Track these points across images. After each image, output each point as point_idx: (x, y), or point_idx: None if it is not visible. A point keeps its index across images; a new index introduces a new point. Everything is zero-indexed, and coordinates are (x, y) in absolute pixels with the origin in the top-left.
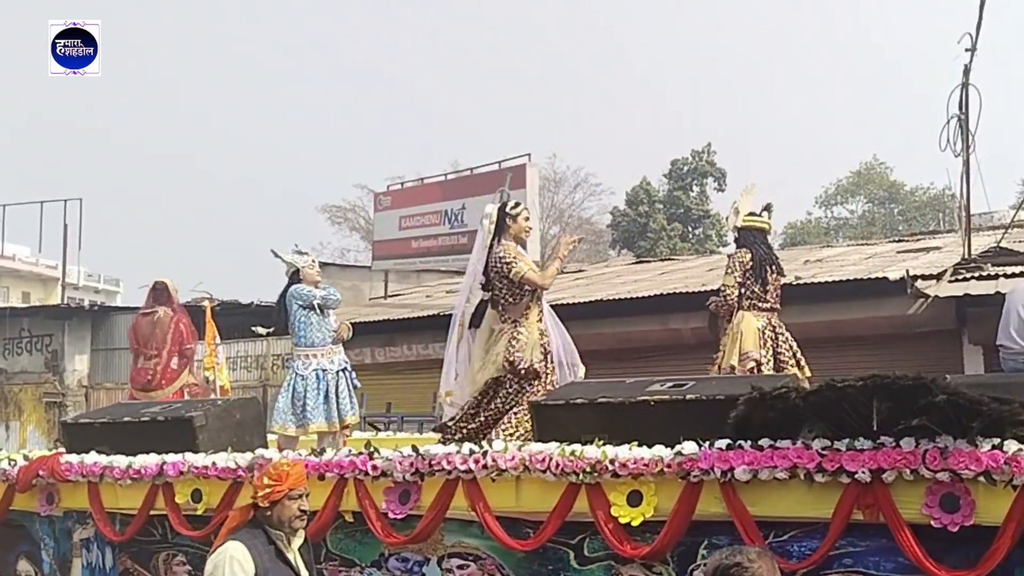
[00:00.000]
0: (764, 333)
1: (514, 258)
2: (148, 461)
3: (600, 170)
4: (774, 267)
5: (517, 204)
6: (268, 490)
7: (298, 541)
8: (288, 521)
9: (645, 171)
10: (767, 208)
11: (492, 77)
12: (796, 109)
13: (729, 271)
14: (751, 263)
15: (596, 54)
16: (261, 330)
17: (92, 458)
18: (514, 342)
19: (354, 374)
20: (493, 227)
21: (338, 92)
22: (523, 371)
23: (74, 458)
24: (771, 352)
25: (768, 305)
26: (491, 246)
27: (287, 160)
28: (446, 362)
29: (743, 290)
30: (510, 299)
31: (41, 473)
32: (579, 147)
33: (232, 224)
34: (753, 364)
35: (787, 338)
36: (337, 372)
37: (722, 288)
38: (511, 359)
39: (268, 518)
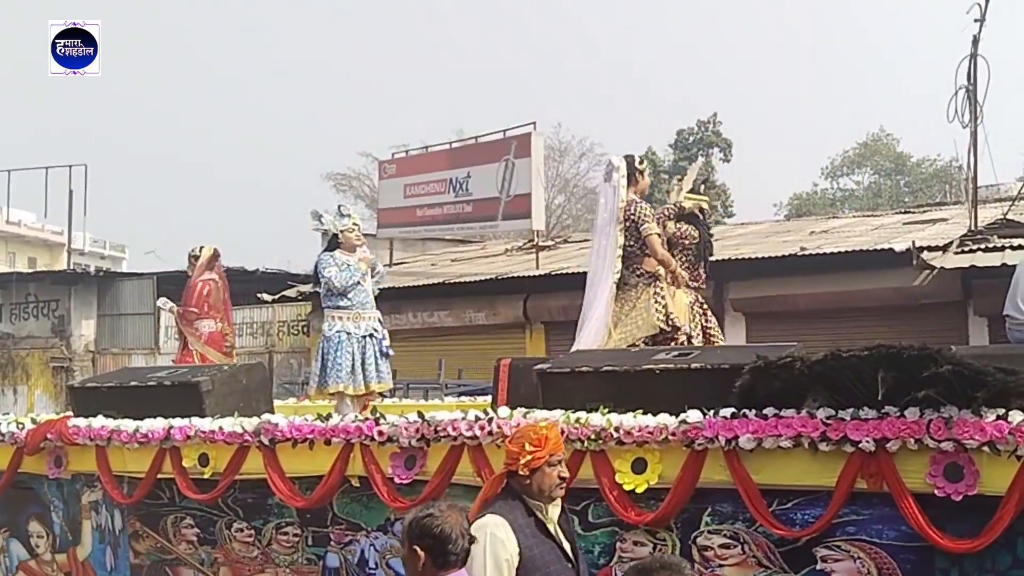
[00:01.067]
0: (692, 308)
1: (647, 215)
2: (155, 425)
3: (605, 140)
4: (710, 250)
5: (643, 160)
6: (529, 456)
7: (556, 511)
8: (548, 490)
9: (650, 141)
10: (706, 183)
11: (498, 45)
12: (802, 80)
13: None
14: (697, 241)
15: (602, 23)
16: (267, 297)
17: (100, 422)
18: (659, 299)
19: (385, 341)
20: (624, 179)
21: (343, 59)
22: (677, 328)
23: (82, 422)
24: (700, 327)
25: (697, 284)
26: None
27: (292, 127)
28: (595, 320)
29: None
30: (640, 253)
31: (49, 436)
32: (584, 116)
33: (237, 191)
34: (684, 338)
35: (711, 316)
36: (364, 337)
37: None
38: (667, 316)
39: (527, 487)
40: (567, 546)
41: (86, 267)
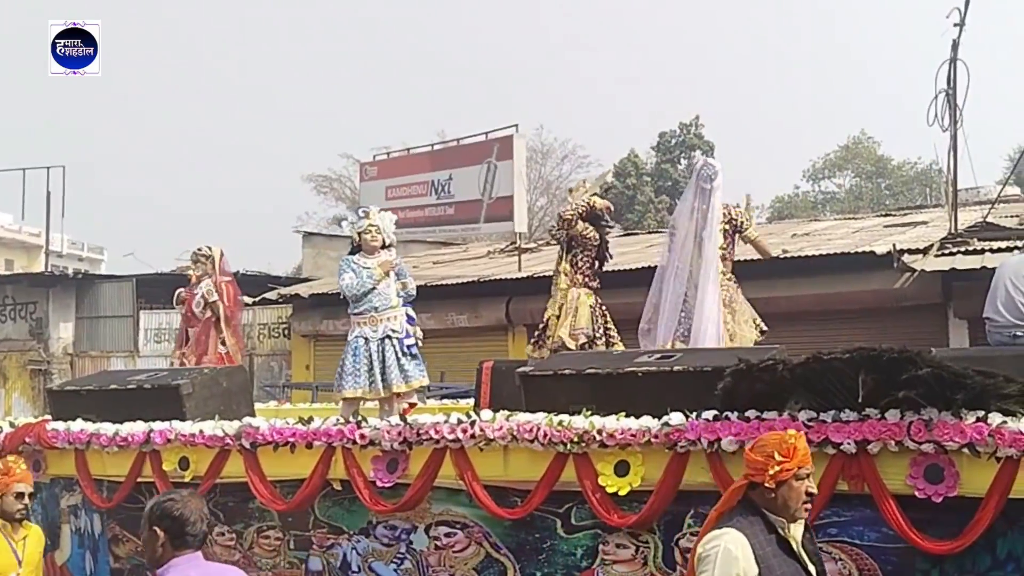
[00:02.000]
0: (594, 311)
1: (748, 217)
2: (135, 429)
3: (588, 142)
4: (607, 251)
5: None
6: (777, 468)
7: (799, 530)
8: (795, 506)
9: (633, 143)
10: (608, 190)
11: (479, 48)
12: (784, 83)
13: (574, 209)
14: (597, 242)
15: (584, 25)
16: (247, 299)
17: (79, 425)
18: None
19: (409, 340)
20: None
21: (324, 61)
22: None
23: (61, 425)
24: (602, 329)
25: (596, 284)
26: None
27: (272, 128)
28: (709, 322)
29: (578, 266)
30: (724, 255)
31: (28, 440)
32: (567, 119)
33: (216, 193)
34: (585, 340)
35: (609, 318)
36: (381, 339)
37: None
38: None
39: (771, 501)
40: (812, 568)
41: (64, 269)
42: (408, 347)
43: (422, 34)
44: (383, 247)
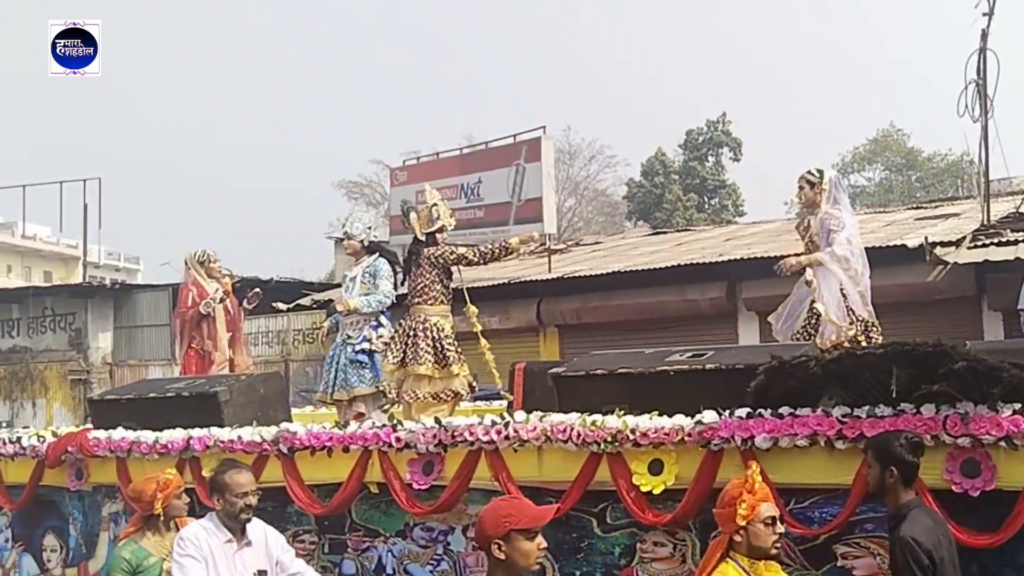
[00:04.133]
0: None
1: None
2: (174, 436)
3: (615, 142)
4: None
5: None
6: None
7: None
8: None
9: (660, 142)
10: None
11: (507, 50)
12: (812, 77)
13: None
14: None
15: (610, 24)
16: (282, 306)
17: (119, 433)
18: None
19: (360, 345)
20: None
21: (354, 67)
22: None
23: (101, 434)
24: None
25: None
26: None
27: (303, 136)
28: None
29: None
30: None
31: (70, 449)
32: (594, 119)
33: (249, 201)
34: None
35: None
36: (341, 345)
37: None
38: None
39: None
40: None
41: (101, 280)
42: (357, 353)
43: (449, 39)
44: (364, 250)
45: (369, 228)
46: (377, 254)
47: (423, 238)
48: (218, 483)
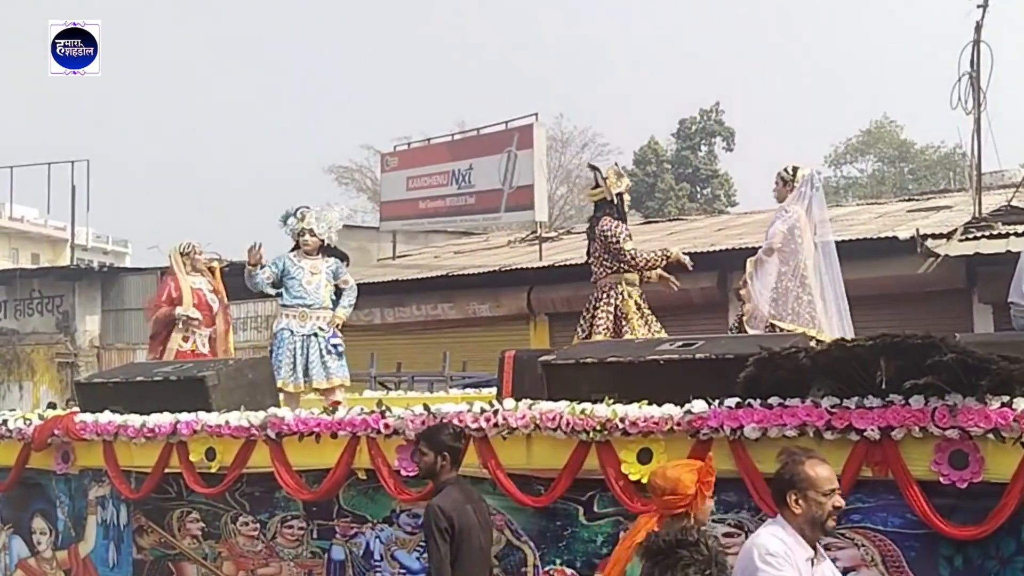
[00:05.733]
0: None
1: None
2: (162, 420)
3: (607, 130)
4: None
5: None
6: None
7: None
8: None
9: (653, 131)
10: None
11: (499, 36)
12: (805, 68)
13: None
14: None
15: (603, 12)
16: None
17: (106, 417)
18: None
19: (335, 339)
20: None
21: (344, 51)
22: None
23: (88, 417)
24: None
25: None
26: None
27: (293, 120)
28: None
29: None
30: None
31: (56, 432)
32: (586, 107)
33: (239, 185)
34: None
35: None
36: (307, 336)
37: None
38: None
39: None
40: None
41: (89, 262)
42: (334, 346)
43: (441, 24)
44: (322, 248)
45: (330, 227)
46: (335, 257)
47: (614, 199)
48: (796, 478)
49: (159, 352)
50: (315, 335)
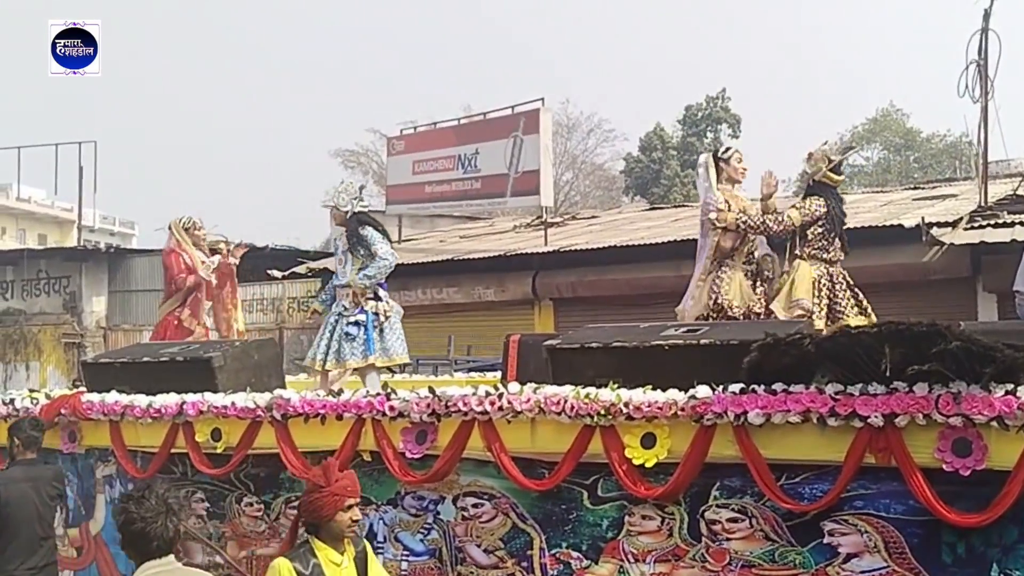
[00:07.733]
0: (820, 283)
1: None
2: (168, 400)
3: (613, 116)
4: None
5: (728, 148)
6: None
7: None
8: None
9: (659, 117)
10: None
11: (506, 21)
12: (811, 55)
13: (798, 208)
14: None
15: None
16: (277, 273)
17: (113, 397)
18: (716, 284)
19: (354, 317)
20: (709, 173)
21: (351, 35)
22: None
23: (95, 397)
24: (826, 302)
25: (830, 256)
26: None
27: (300, 104)
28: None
29: (806, 238)
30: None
31: (63, 411)
32: (592, 92)
33: (246, 168)
34: (801, 312)
35: (846, 287)
36: (337, 316)
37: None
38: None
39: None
40: None
41: (96, 243)
42: (349, 325)
43: (448, 8)
44: (350, 220)
45: (355, 199)
46: (364, 224)
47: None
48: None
49: (171, 320)
50: (340, 315)
